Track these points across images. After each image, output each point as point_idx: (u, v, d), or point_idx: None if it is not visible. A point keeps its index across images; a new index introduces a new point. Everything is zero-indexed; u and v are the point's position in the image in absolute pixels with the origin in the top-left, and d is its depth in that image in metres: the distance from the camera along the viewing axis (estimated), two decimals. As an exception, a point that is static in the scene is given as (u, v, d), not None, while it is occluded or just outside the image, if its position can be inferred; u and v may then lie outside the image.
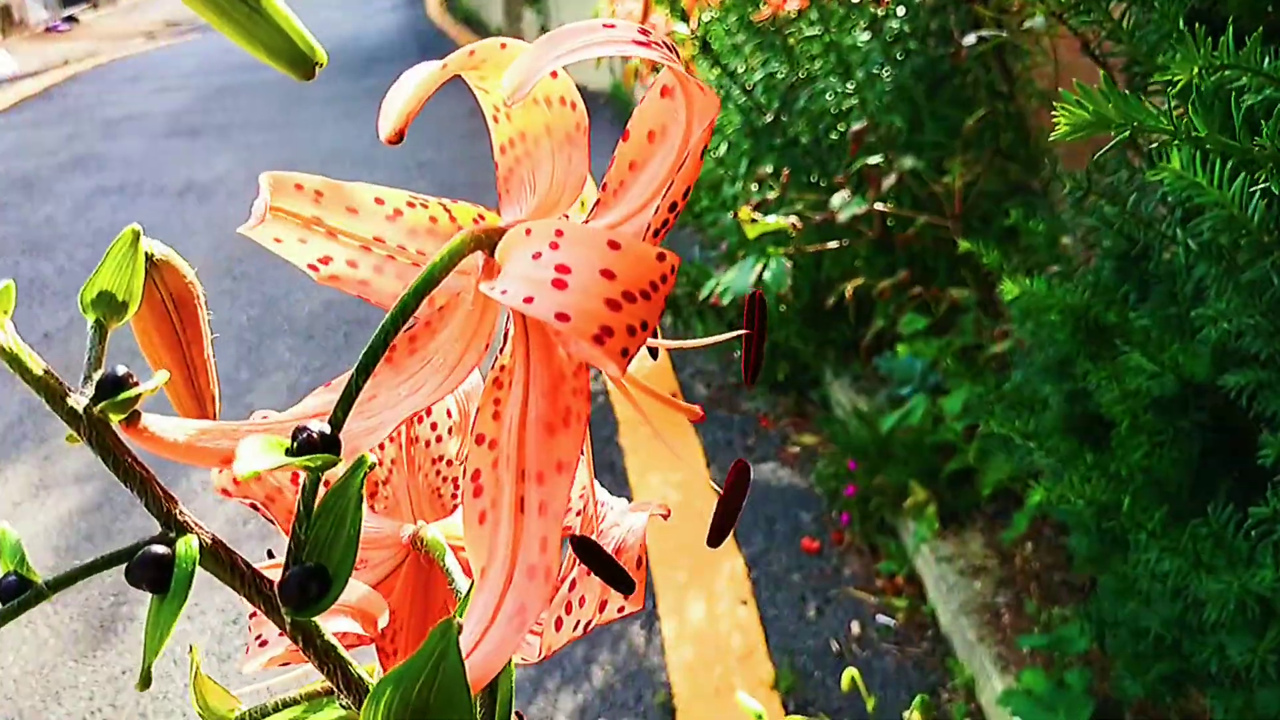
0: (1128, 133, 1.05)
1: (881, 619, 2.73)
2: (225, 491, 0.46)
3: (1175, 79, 1.02)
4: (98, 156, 7.69)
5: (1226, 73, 1.04)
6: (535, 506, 0.35)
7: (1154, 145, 1.40)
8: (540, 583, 0.34)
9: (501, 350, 0.37)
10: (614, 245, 0.30)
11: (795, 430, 3.58)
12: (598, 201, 0.37)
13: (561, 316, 0.29)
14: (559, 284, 0.30)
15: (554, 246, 0.30)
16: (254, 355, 4.41)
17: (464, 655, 0.33)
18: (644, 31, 0.33)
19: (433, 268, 0.33)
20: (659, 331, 0.40)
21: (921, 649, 2.63)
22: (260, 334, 4.59)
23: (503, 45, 0.34)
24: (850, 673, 1.41)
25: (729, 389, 3.85)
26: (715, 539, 0.41)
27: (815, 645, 2.66)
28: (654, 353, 0.41)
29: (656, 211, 0.35)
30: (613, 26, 0.32)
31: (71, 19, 16.80)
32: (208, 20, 0.33)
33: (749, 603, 2.81)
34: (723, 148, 4.01)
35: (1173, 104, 1.04)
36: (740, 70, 3.63)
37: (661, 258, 0.30)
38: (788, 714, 2.43)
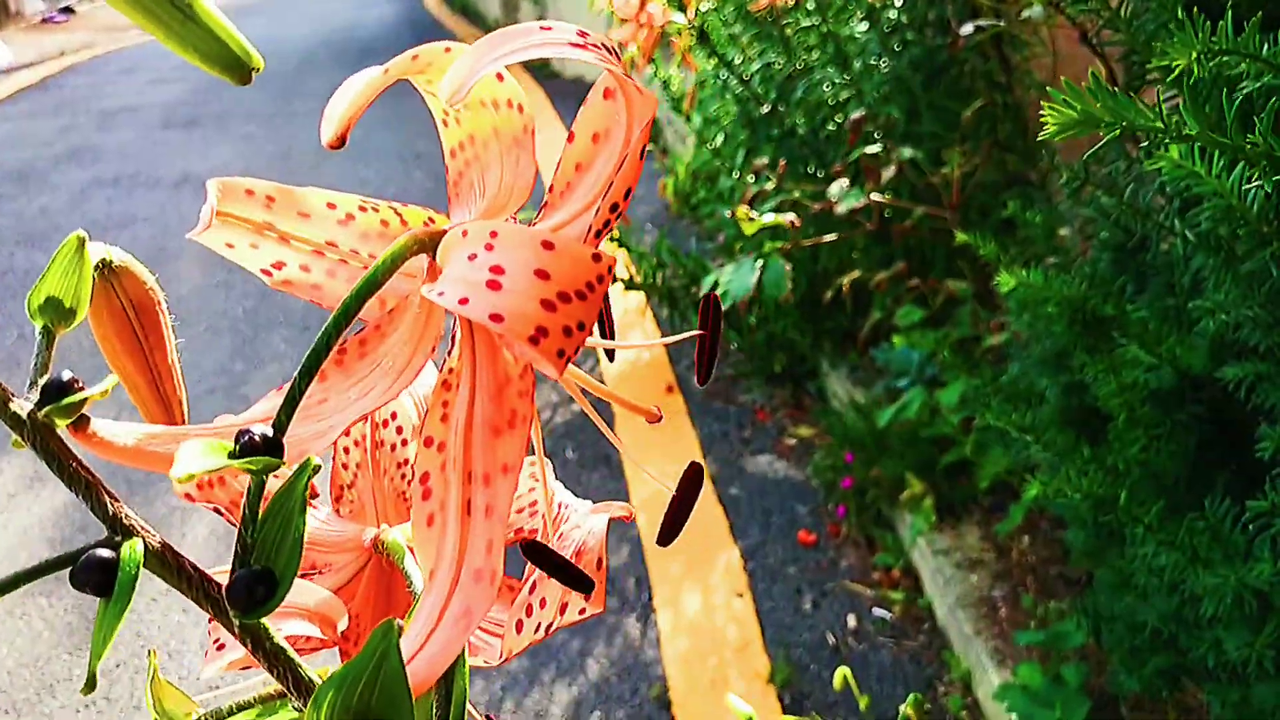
0: (1117, 132, 1.04)
1: (878, 612, 2.73)
2: (189, 497, 0.46)
3: (1173, 64, 1.01)
4: (93, 148, 7.68)
5: (1224, 59, 1.03)
6: (482, 509, 0.34)
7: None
8: (486, 585, 0.33)
9: (449, 353, 0.37)
10: (548, 246, 0.29)
11: (792, 422, 3.57)
12: (545, 204, 0.37)
13: (496, 318, 0.29)
14: (493, 285, 0.29)
15: (489, 248, 0.30)
16: (249, 347, 4.40)
17: (409, 657, 0.32)
18: (582, 34, 0.32)
19: (375, 271, 0.33)
20: (609, 330, 0.39)
21: (918, 642, 2.62)
22: (256, 326, 4.59)
23: (447, 49, 0.34)
24: (843, 672, 1.41)
25: (725, 381, 3.85)
26: (665, 539, 0.41)
27: (811, 638, 2.66)
28: (610, 355, 0.41)
29: (598, 212, 0.35)
30: (550, 29, 0.32)
31: (68, 10, 16.76)
32: (138, 25, 0.32)
33: (745, 595, 2.81)
34: (719, 139, 4.00)
35: (1165, 96, 1.03)
36: (737, 61, 3.62)
37: (597, 258, 0.30)
38: (783, 707, 2.44)
